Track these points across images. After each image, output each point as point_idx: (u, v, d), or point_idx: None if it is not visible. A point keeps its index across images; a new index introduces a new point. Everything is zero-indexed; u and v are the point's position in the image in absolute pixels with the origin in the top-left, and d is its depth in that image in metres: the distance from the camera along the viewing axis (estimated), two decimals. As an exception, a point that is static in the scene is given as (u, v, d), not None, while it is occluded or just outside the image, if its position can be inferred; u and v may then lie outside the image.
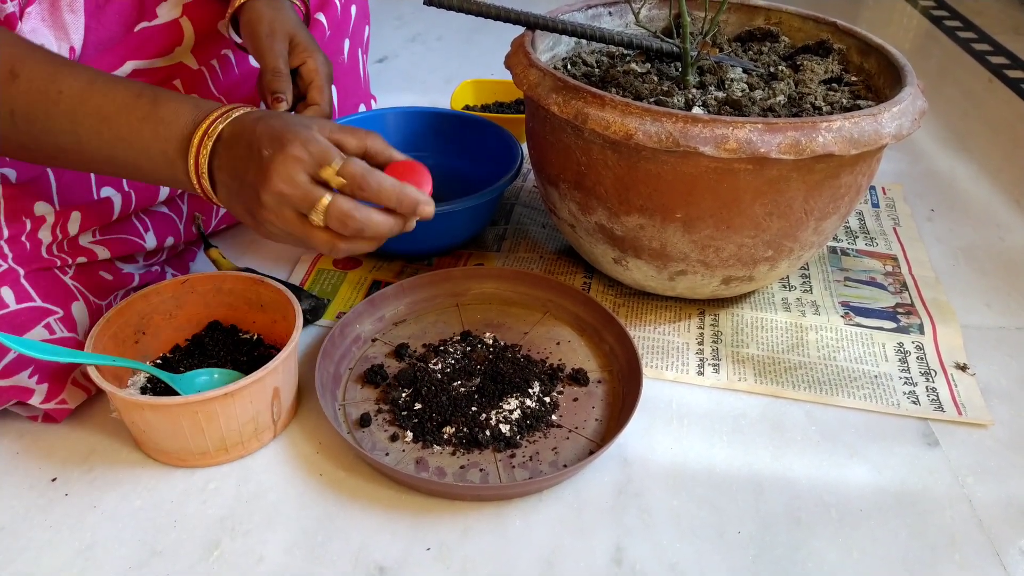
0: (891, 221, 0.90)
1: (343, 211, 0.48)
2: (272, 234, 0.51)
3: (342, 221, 0.48)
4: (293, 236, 0.50)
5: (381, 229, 0.49)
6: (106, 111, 0.50)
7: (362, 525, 0.54)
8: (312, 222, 0.49)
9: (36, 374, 0.57)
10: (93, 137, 0.50)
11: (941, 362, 0.69)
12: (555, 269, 0.80)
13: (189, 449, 0.56)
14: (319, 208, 0.48)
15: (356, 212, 0.48)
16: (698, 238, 0.64)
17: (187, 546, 0.53)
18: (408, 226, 0.52)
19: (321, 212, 0.48)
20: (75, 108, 0.50)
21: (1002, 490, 0.58)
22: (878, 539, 0.55)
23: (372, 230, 0.49)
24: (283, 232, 0.50)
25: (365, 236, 0.50)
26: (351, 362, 0.67)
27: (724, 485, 0.58)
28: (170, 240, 0.72)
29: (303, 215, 0.49)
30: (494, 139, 0.86)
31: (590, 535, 0.54)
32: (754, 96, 0.67)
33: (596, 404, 0.63)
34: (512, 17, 0.68)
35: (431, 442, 0.59)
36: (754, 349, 0.70)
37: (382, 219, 0.49)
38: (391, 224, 0.50)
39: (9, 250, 0.57)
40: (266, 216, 0.49)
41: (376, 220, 0.49)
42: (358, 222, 0.48)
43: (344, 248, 0.50)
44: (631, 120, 0.58)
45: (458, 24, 1.42)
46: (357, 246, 0.51)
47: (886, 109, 0.60)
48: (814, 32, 0.79)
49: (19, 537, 0.53)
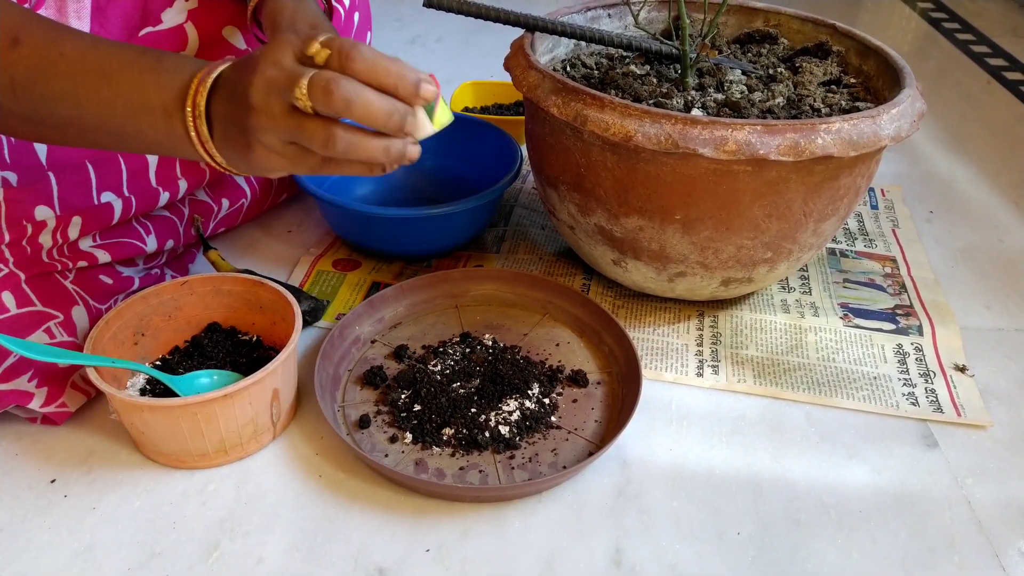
0: (890, 223, 0.90)
1: (326, 79, 0.42)
2: (268, 148, 0.46)
3: (326, 90, 0.42)
4: (287, 139, 0.45)
5: (374, 108, 0.43)
6: (108, 67, 0.48)
7: (361, 526, 0.54)
8: (299, 105, 0.44)
9: (36, 378, 0.57)
10: (92, 97, 0.48)
11: (940, 363, 0.69)
12: (554, 271, 0.80)
13: (188, 451, 0.56)
14: (303, 83, 0.43)
15: (341, 79, 0.43)
16: (697, 240, 0.64)
17: (186, 548, 0.52)
18: (409, 127, 0.45)
19: (305, 87, 0.43)
20: (75, 68, 0.48)
21: (1001, 491, 0.58)
22: (877, 540, 0.55)
23: (363, 105, 0.43)
24: (278, 142, 0.46)
25: (357, 113, 0.43)
26: (350, 363, 0.67)
27: (723, 486, 0.58)
28: (170, 243, 0.72)
29: (293, 107, 0.44)
30: (493, 141, 0.86)
31: (590, 536, 0.54)
32: (753, 98, 0.68)
33: (595, 405, 0.63)
34: (511, 19, 0.68)
35: (430, 443, 0.59)
36: (753, 350, 0.70)
37: (375, 97, 0.44)
38: (387, 107, 0.44)
39: (10, 255, 0.57)
40: (258, 122, 0.45)
41: (368, 96, 0.43)
42: (344, 90, 0.42)
43: (343, 141, 0.45)
44: (630, 122, 0.58)
45: (457, 26, 1.42)
46: (358, 142, 0.45)
47: (885, 111, 0.60)
48: (813, 34, 0.79)
49: (18, 538, 0.53)
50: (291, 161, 0.47)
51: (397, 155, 0.46)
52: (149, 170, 0.68)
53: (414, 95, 0.45)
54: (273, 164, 0.47)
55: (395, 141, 0.46)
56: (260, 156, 0.47)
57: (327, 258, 0.81)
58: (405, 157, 0.47)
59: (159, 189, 0.69)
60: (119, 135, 0.50)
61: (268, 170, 0.48)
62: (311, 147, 0.45)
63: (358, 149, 0.45)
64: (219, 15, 0.71)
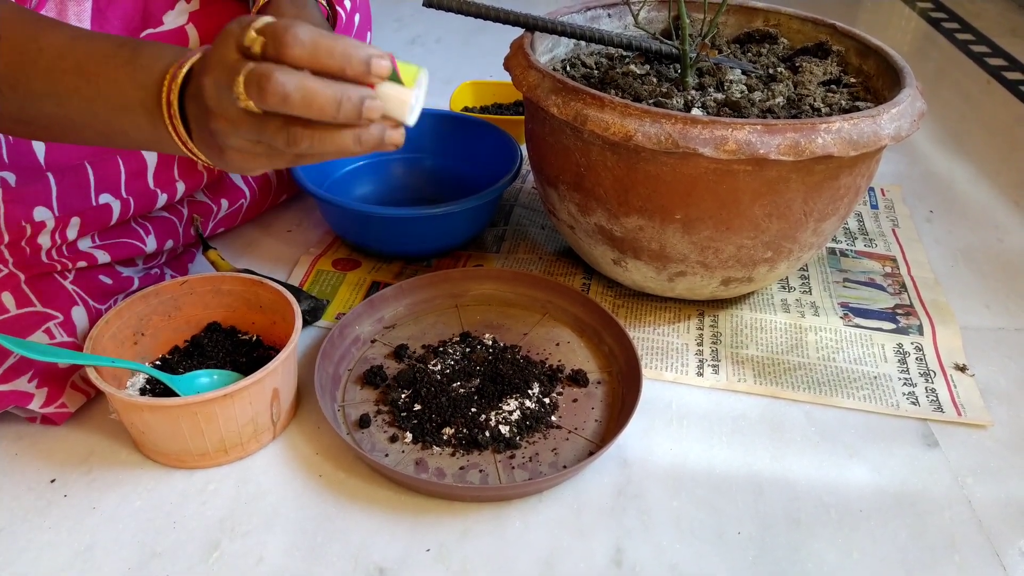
0: (890, 222, 0.90)
1: (258, 73, 0.38)
2: (238, 150, 0.43)
3: (259, 87, 0.38)
4: (253, 138, 0.42)
5: (318, 100, 0.39)
6: (85, 64, 0.46)
7: (362, 526, 0.54)
8: (242, 106, 0.40)
9: (36, 378, 0.57)
10: (72, 95, 0.46)
11: (940, 363, 0.69)
12: (554, 270, 0.80)
13: (188, 450, 0.56)
14: (239, 81, 0.39)
15: (274, 72, 0.38)
16: (697, 239, 0.64)
17: (187, 547, 0.52)
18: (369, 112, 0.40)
19: (241, 85, 0.39)
20: (54, 65, 0.46)
21: (1001, 491, 0.58)
22: (878, 540, 0.55)
23: (303, 98, 0.38)
24: (245, 142, 0.42)
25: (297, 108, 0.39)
26: (350, 363, 0.67)
27: (724, 486, 0.58)
28: (169, 243, 0.72)
29: None
30: (493, 140, 0.86)
31: (590, 536, 0.54)
32: (753, 98, 0.68)
33: (596, 405, 0.63)
34: (511, 19, 0.68)
35: (431, 443, 0.59)
36: (753, 350, 0.70)
37: (318, 86, 0.39)
38: (334, 96, 0.39)
39: (9, 255, 0.57)
40: (218, 125, 0.42)
41: (309, 87, 0.39)
42: (277, 84, 0.38)
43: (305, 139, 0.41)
44: (630, 121, 0.58)
45: (457, 26, 1.42)
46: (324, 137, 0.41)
47: (885, 111, 0.60)
48: (813, 34, 0.79)
49: (18, 538, 0.53)
50: (267, 159, 0.44)
51: (373, 143, 0.42)
52: (147, 172, 0.68)
53: (365, 75, 0.40)
54: (249, 164, 0.44)
55: (368, 129, 0.41)
56: (233, 158, 0.44)
57: (327, 258, 0.81)
58: (385, 143, 0.42)
59: (157, 191, 0.69)
60: (107, 134, 0.48)
61: (247, 170, 0.45)
62: (276, 147, 0.42)
63: (325, 144, 0.41)
64: (220, 17, 0.71)
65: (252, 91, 0.39)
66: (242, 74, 0.39)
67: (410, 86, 0.41)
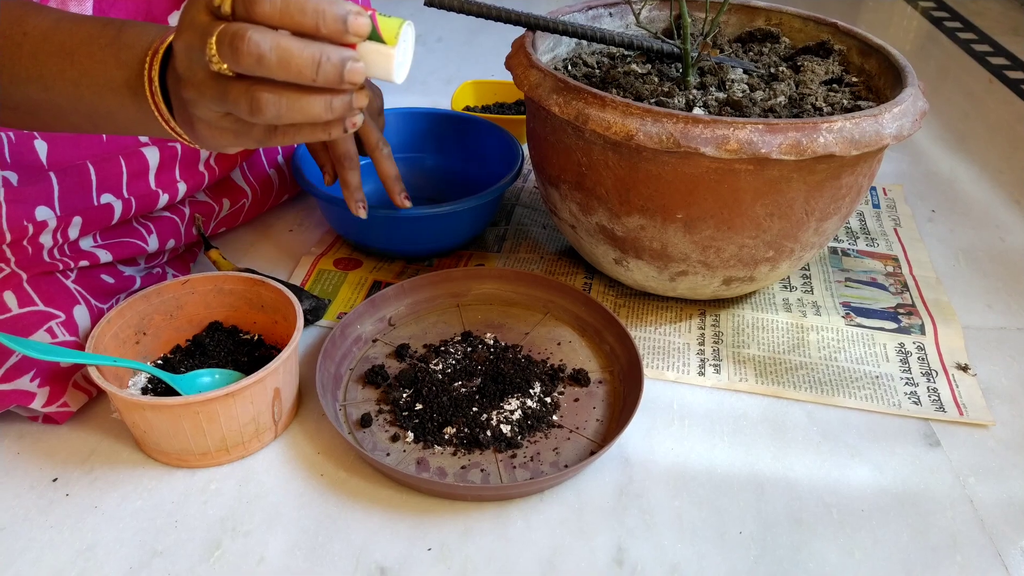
0: (892, 222, 0.90)
1: (231, 32, 0.36)
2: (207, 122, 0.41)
3: (232, 46, 0.36)
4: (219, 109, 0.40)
5: (296, 59, 0.37)
6: (69, 46, 0.45)
7: (363, 525, 0.54)
8: (215, 69, 0.38)
9: (38, 377, 0.57)
10: (58, 78, 0.45)
11: (942, 362, 0.69)
12: (556, 270, 0.80)
13: (190, 449, 0.56)
14: (211, 42, 0.37)
15: (249, 30, 0.36)
16: (699, 239, 0.64)
17: (188, 547, 0.52)
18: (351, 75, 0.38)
19: (214, 46, 0.37)
20: (39, 48, 0.45)
21: (1004, 490, 0.58)
22: (879, 540, 0.54)
23: (279, 58, 0.37)
24: (212, 114, 0.40)
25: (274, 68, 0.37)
26: (352, 362, 0.67)
27: (725, 486, 0.58)
28: (171, 242, 0.72)
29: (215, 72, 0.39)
30: (495, 140, 0.86)
31: (591, 536, 0.54)
32: (755, 97, 0.68)
33: (597, 404, 0.63)
34: (512, 18, 0.68)
35: (432, 442, 0.59)
36: (755, 349, 0.70)
37: (295, 45, 0.37)
38: (313, 55, 0.37)
39: (11, 254, 0.57)
40: (187, 94, 0.40)
41: (285, 46, 0.37)
42: (251, 43, 0.36)
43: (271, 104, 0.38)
44: (632, 121, 0.58)
45: (458, 25, 1.42)
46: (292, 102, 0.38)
47: (887, 110, 0.60)
48: (814, 33, 0.79)
49: (19, 538, 0.53)
50: (234, 135, 0.42)
51: (342, 108, 0.39)
52: (149, 172, 0.68)
53: (342, 32, 0.37)
54: (218, 140, 0.42)
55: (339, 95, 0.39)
56: (203, 132, 0.42)
57: (328, 257, 0.81)
58: (353, 107, 0.40)
59: (159, 191, 0.69)
60: (94, 118, 0.47)
61: (218, 147, 0.43)
62: (240, 115, 0.39)
63: (294, 110, 0.39)
64: None
65: (225, 52, 0.37)
66: (214, 35, 0.37)
67: (392, 44, 0.38)
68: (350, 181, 0.71)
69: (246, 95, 0.38)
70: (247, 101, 0.38)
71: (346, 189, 0.71)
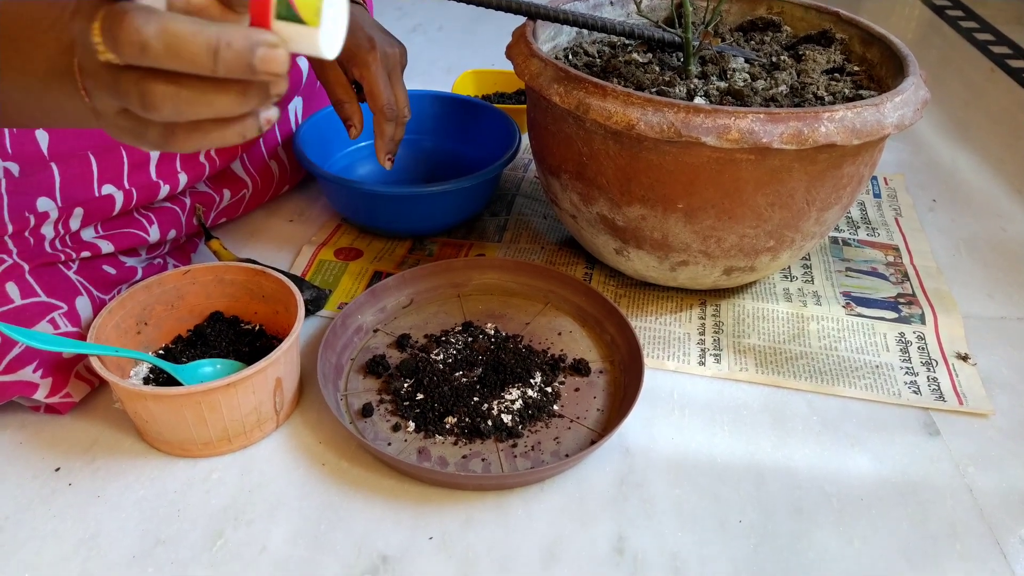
0: (893, 211, 0.90)
1: (113, 14, 0.31)
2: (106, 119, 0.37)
3: (112, 33, 0.31)
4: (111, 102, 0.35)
5: (187, 44, 0.31)
6: (13, 29, 0.40)
7: (364, 515, 0.55)
8: (101, 58, 0.33)
9: (40, 368, 0.57)
10: (5, 69, 0.41)
11: (942, 352, 0.69)
12: (556, 260, 0.80)
13: (192, 439, 0.56)
14: (94, 27, 0.32)
15: (130, 11, 0.31)
16: (700, 228, 0.63)
17: (190, 536, 0.53)
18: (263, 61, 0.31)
19: (97, 31, 0.32)
20: None
21: (1003, 479, 0.59)
22: (879, 528, 0.55)
23: (167, 44, 0.31)
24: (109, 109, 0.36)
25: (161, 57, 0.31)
26: (353, 352, 0.67)
27: (725, 475, 0.58)
28: (172, 233, 0.72)
29: None
30: (493, 122, 0.87)
31: (592, 524, 0.54)
32: (756, 86, 0.67)
33: (598, 394, 0.63)
34: (513, 7, 0.68)
35: (433, 432, 0.59)
36: (755, 339, 0.70)
37: (186, 27, 0.31)
38: (208, 39, 0.31)
39: (13, 246, 0.57)
40: (87, 83, 0.35)
41: (173, 27, 0.31)
42: (133, 31, 0.31)
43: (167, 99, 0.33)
44: (633, 110, 0.58)
45: (459, 14, 1.42)
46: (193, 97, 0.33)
47: (888, 99, 0.60)
48: (816, 22, 0.79)
49: (23, 527, 0.53)
50: (131, 135, 0.36)
51: (259, 98, 0.34)
52: (150, 163, 0.68)
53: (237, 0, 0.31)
54: (122, 138, 0.37)
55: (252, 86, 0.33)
56: (106, 126, 0.37)
57: (329, 247, 0.81)
58: (271, 96, 0.34)
59: (159, 182, 0.69)
60: (49, 111, 0.42)
61: (129, 143, 0.37)
62: (135, 112, 0.34)
63: (196, 105, 0.33)
64: None
65: (107, 39, 0.32)
66: (98, 19, 0.32)
67: (314, 24, 0.31)
68: (386, 131, 0.70)
69: (136, 88, 0.32)
70: (138, 95, 0.33)
71: (379, 139, 0.71)
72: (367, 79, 0.69)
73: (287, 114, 0.86)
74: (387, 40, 0.72)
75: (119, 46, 0.31)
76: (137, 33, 0.31)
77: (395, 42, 0.73)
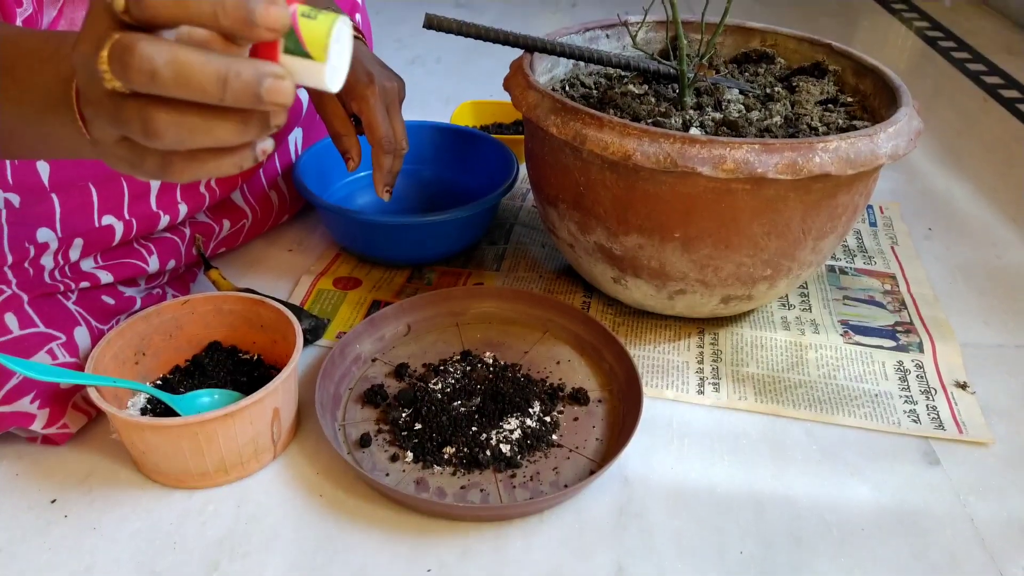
0: (889, 240, 0.90)
1: (123, 43, 0.31)
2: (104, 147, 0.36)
3: (121, 60, 0.31)
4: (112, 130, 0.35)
5: (196, 74, 0.31)
6: (10, 60, 0.40)
7: (362, 546, 0.54)
8: (108, 86, 0.33)
9: (38, 399, 0.57)
10: (2, 100, 0.41)
11: (941, 380, 0.69)
12: (555, 288, 0.80)
13: (189, 470, 0.56)
14: (103, 55, 0.32)
15: (140, 40, 0.31)
16: (697, 257, 0.64)
17: (186, 568, 0.52)
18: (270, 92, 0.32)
19: (105, 59, 0.32)
20: None
21: (1004, 508, 0.58)
22: (880, 558, 0.54)
23: (175, 72, 0.31)
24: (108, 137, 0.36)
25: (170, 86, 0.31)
26: (351, 382, 0.67)
27: (725, 504, 0.58)
28: (172, 263, 0.72)
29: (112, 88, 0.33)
30: (491, 152, 0.88)
31: (591, 555, 0.54)
32: (751, 117, 0.68)
33: (596, 423, 0.63)
34: (511, 40, 0.69)
35: (431, 462, 0.59)
36: (754, 368, 0.70)
37: (195, 57, 0.31)
38: (217, 69, 0.31)
39: (12, 276, 0.57)
40: (87, 111, 0.36)
41: (183, 57, 0.31)
42: (144, 59, 0.31)
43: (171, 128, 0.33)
44: (629, 141, 0.59)
45: (457, 46, 1.43)
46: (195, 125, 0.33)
47: (882, 129, 0.60)
48: (809, 54, 0.80)
49: (18, 559, 0.53)
50: (128, 164, 0.36)
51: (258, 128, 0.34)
52: (150, 194, 0.68)
53: (247, 26, 0.31)
54: (118, 167, 0.37)
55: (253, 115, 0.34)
56: (104, 155, 0.37)
57: (328, 277, 0.81)
58: (270, 128, 0.34)
59: (159, 212, 0.69)
60: (46, 141, 0.42)
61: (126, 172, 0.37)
62: (136, 139, 0.34)
63: (197, 133, 0.33)
64: None
65: (116, 67, 0.32)
66: (107, 47, 0.32)
67: (321, 59, 0.32)
68: (383, 164, 0.71)
69: (139, 116, 0.33)
70: (140, 123, 0.33)
71: (377, 172, 0.72)
72: (365, 113, 0.70)
73: (287, 144, 0.86)
74: (385, 74, 0.73)
75: (129, 73, 0.31)
76: (149, 61, 0.31)
77: (393, 76, 0.74)
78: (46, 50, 0.40)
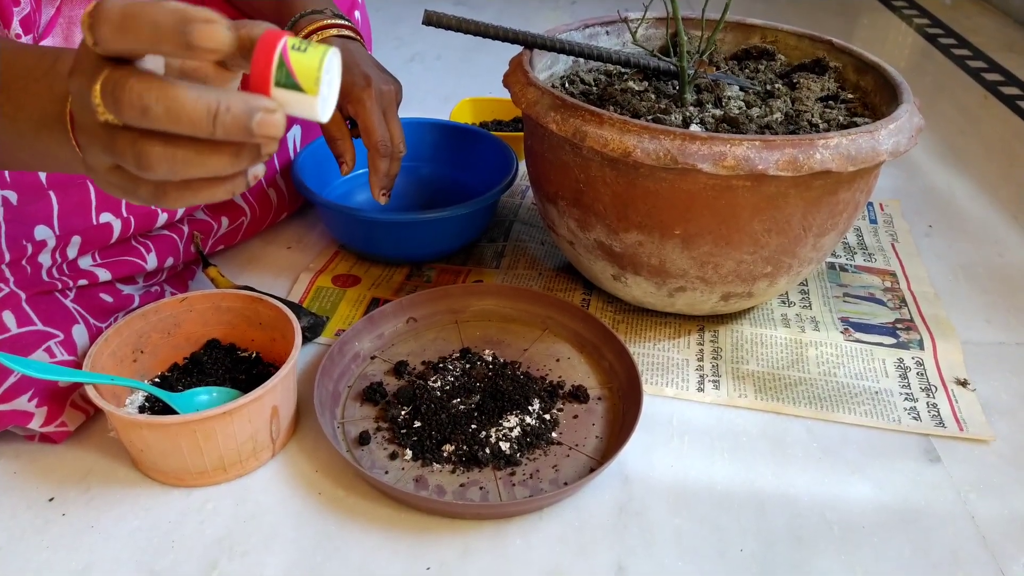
0: (889, 237, 0.90)
1: (114, 79, 0.32)
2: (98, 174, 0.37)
3: (114, 96, 0.32)
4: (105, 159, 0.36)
5: (186, 110, 0.32)
6: (6, 77, 0.41)
7: (361, 544, 0.54)
8: (100, 119, 0.34)
9: (36, 397, 0.57)
10: None
11: (941, 378, 0.69)
12: (554, 286, 0.80)
13: (187, 468, 0.56)
14: (95, 89, 0.33)
15: (132, 78, 0.32)
16: (697, 254, 0.64)
17: (185, 567, 0.52)
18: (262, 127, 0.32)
19: (98, 93, 0.33)
20: None
21: (1004, 506, 0.58)
22: (881, 556, 0.54)
23: (166, 109, 0.32)
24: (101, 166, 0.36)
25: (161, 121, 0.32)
26: (350, 380, 0.66)
27: (725, 503, 0.58)
28: (170, 260, 0.72)
29: None
30: (490, 150, 0.88)
31: (591, 553, 0.54)
32: (751, 114, 0.68)
33: (596, 421, 0.63)
34: (510, 36, 0.68)
35: (430, 460, 0.59)
36: (754, 365, 0.70)
37: (183, 92, 0.32)
38: (206, 101, 0.32)
39: (10, 274, 0.57)
40: (81, 138, 0.36)
41: (173, 93, 0.32)
42: (133, 95, 0.32)
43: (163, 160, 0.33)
44: (629, 138, 0.58)
45: (456, 43, 1.43)
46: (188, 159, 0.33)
47: (883, 126, 0.60)
48: (810, 50, 0.80)
49: (16, 558, 0.52)
50: (121, 191, 0.37)
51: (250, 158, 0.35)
52: None
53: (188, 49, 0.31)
54: (112, 193, 0.38)
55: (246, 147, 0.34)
56: (100, 182, 0.37)
57: (327, 274, 0.81)
58: (262, 157, 0.35)
59: (157, 210, 0.69)
60: (40, 156, 0.42)
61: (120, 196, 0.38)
62: (129, 170, 0.35)
63: (190, 166, 0.34)
64: None
65: (108, 102, 0.32)
66: (99, 81, 0.33)
67: (313, 93, 0.32)
68: (380, 167, 0.71)
69: (132, 148, 0.33)
70: (133, 155, 0.33)
71: (374, 175, 0.71)
72: (362, 116, 0.69)
73: (286, 142, 0.86)
74: (382, 77, 0.73)
75: (121, 108, 0.32)
76: (140, 98, 0.31)
77: (390, 79, 0.74)
78: (41, 68, 0.41)
